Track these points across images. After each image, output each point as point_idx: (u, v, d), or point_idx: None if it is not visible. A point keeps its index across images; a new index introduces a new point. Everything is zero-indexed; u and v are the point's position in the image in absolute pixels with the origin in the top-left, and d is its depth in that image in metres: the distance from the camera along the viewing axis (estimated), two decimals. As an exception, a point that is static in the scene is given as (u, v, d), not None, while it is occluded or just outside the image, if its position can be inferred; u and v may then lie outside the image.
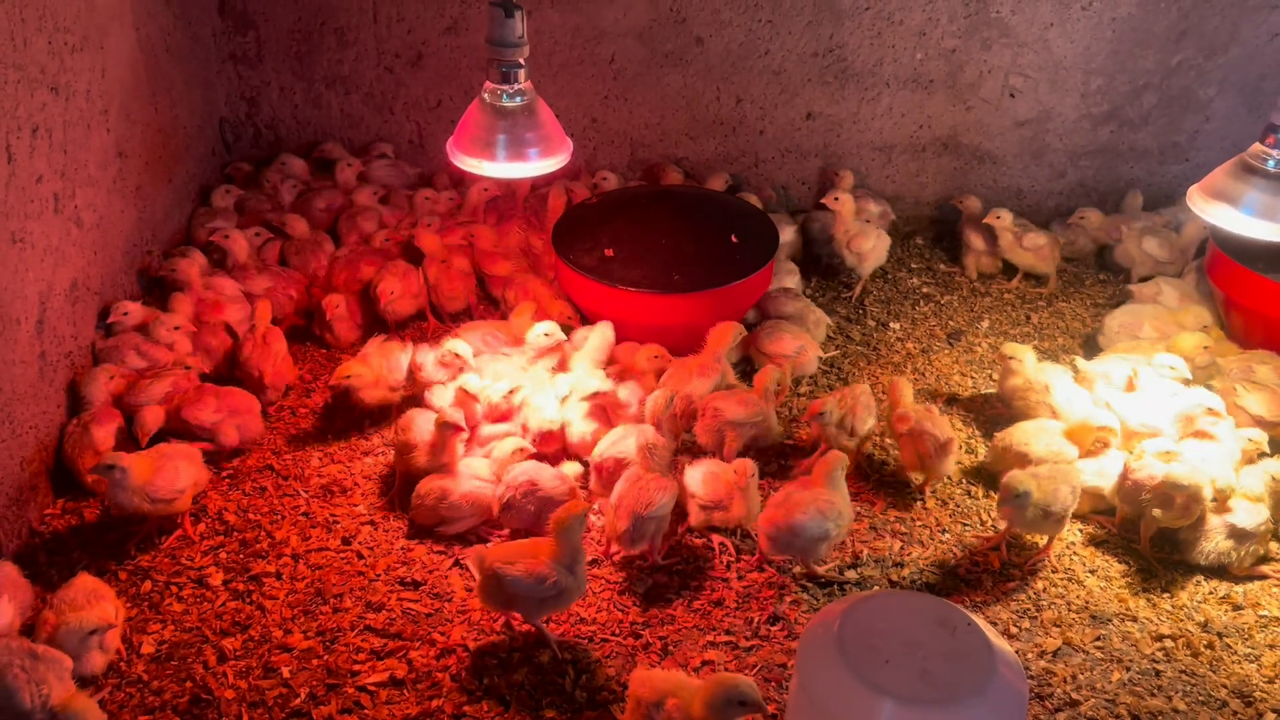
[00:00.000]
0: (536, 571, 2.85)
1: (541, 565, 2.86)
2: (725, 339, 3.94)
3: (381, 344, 3.90)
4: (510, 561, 2.88)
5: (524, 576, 2.86)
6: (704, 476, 3.37)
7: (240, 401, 3.69)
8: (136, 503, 3.17)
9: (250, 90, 5.12)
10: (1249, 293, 4.21)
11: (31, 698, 2.48)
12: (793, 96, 5.09)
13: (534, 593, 2.87)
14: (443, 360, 3.84)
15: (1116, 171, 5.26)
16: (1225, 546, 3.32)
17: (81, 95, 3.67)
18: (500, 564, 2.88)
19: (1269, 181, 3.14)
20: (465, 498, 3.35)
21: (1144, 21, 4.81)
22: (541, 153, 3.32)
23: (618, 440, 3.49)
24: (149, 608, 3.11)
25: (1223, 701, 2.94)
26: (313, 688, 2.88)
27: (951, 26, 4.87)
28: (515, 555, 2.89)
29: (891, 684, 2.11)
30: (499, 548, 2.98)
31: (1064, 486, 3.29)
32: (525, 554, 2.89)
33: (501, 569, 2.87)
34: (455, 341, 3.87)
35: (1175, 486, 3.27)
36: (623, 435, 3.50)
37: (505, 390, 3.68)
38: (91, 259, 3.78)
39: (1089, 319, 4.74)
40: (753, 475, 3.29)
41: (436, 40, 4.95)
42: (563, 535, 2.88)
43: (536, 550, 2.90)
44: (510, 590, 2.88)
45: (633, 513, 3.18)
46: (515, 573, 2.86)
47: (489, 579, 2.91)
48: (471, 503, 3.36)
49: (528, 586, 2.86)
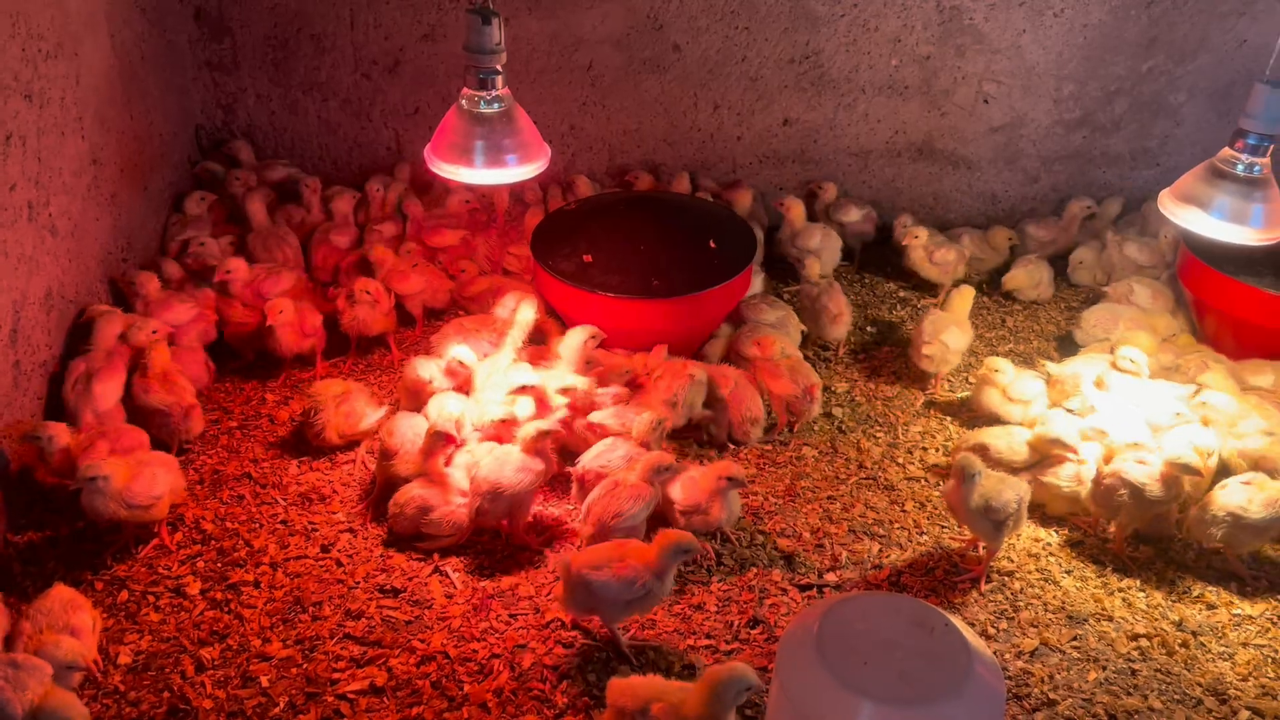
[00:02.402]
0: (625, 575, 2.86)
1: (629, 569, 2.87)
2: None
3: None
4: (597, 566, 2.87)
5: (613, 580, 2.86)
6: (682, 482, 3.38)
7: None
8: (113, 509, 3.15)
9: (226, 97, 5.10)
10: (1220, 296, 4.26)
11: (20, 706, 2.51)
12: (770, 103, 5.11)
13: (622, 595, 2.87)
14: (449, 369, 3.82)
15: (1089, 176, 5.32)
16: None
17: (56, 103, 3.65)
18: (587, 569, 2.88)
19: (1238, 186, 3.19)
20: (446, 517, 3.34)
21: (1115, 28, 4.87)
22: (520, 159, 3.33)
23: (603, 452, 3.48)
24: (126, 617, 3.08)
25: (1197, 700, 2.97)
26: (292, 696, 2.86)
27: (926, 33, 4.91)
28: (602, 559, 2.89)
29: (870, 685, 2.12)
30: (584, 553, 2.96)
31: (1010, 492, 3.26)
32: (612, 558, 2.90)
33: (589, 574, 2.87)
34: (460, 348, 3.86)
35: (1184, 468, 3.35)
36: (609, 448, 3.49)
37: (499, 417, 3.61)
38: (66, 267, 3.75)
39: (1063, 321, 4.79)
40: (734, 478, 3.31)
41: (414, 47, 4.95)
42: (666, 554, 2.88)
43: (623, 553, 2.91)
44: (599, 595, 2.87)
45: (599, 521, 3.19)
46: (604, 577, 2.86)
47: (576, 585, 2.90)
48: (452, 524, 3.35)
49: (616, 590, 2.86)
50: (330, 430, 3.68)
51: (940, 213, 5.36)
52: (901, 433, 4.05)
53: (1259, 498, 3.28)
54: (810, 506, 3.65)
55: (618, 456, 3.43)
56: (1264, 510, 3.27)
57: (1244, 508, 3.28)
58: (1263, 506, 3.27)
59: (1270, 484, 3.32)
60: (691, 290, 4.08)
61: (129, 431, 3.48)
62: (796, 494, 3.70)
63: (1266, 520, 3.27)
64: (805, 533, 3.52)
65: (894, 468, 3.86)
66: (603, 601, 2.90)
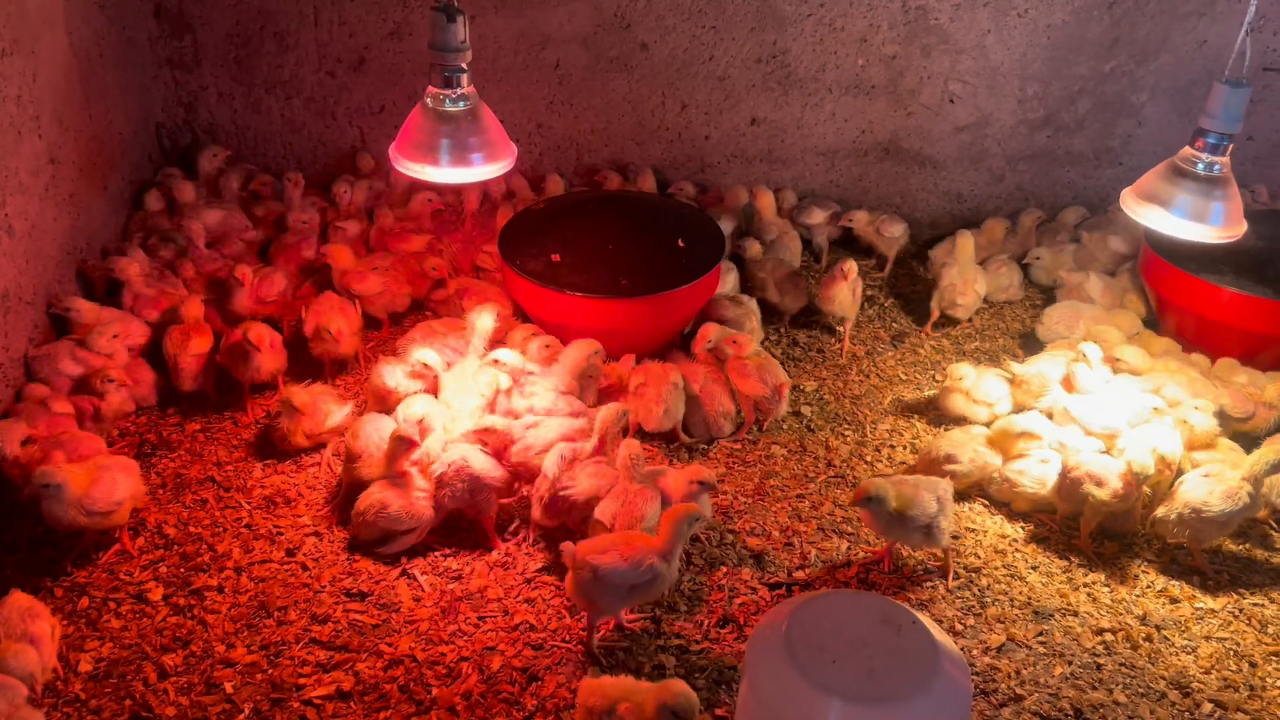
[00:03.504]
0: (632, 556, 2.86)
1: (635, 550, 2.88)
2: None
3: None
4: (603, 551, 2.88)
5: (620, 563, 2.85)
6: None
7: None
8: (72, 515, 3.09)
9: (187, 95, 5.03)
10: (1181, 292, 4.32)
11: None
12: (737, 102, 5.12)
13: (628, 579, 2.86)
14: (413, 371, 3.79)
15: (1053, 175, 5.37)
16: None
17: (12, 101, 3.58)
18: (594, 554, 2.88)
19: (1198, 184, 3.24)
20: (405, 509, 3.30)
21: (1078, 29, 4.92)
22: (485, 158, 3.31)
23: (531, 441, 3.51)
24: (86, 625, 3.03)
25: (1161, 693, 3.00)
26: (257, 703, 2.83)
27: (892, 33, 4.93)
28: (607, 544, 2.91)
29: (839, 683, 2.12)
30: (590, 541, 2.97)
31: (927, 494, 3.23)
32: (617, 542, 2.91)
33: (596, 560, 2.86)
34: (424, 351, 3.83)
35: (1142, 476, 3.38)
36: (534, 427, 3.55)
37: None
38: (23, 268, 3.69)
39: (1028, 320, 4.83)
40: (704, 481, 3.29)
41: (379, 45, 4.91)
42: (675, 531, 2.91)
43: (628, 538, 2.94)
44: (605, 580, 2.86)
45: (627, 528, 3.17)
46: (610, 561, 2.85)
47: (583, 572, 2.88)
48: (411, 514, 3.31)
49: (623, 574, 2.85)
50: (298, 433, 3.64)
51: (906, 211, 5.39)
52: (870, 431, 4.07)
53: (1219, 489, 3.33)
54: (779, 505, 3.65)
55: (548, 434, 3.46)
56: (1224, 503, 3.31)
57: (1206, 502, 3.32)
58: (1223, 499, 3.32)
59: (1229, 475, 3.37)
60: (660, 289, 4.08)
61: (85, 439, 3.43)
62: (765, 493, 3.71)
63: (1228, 513, 3.31)
64: (774, 531, 3.53)
65: (862, 466, 3.88)
66: (609, 588, 2.88)
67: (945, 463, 3.64)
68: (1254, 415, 3.91)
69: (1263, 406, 3.93)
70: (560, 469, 3.32)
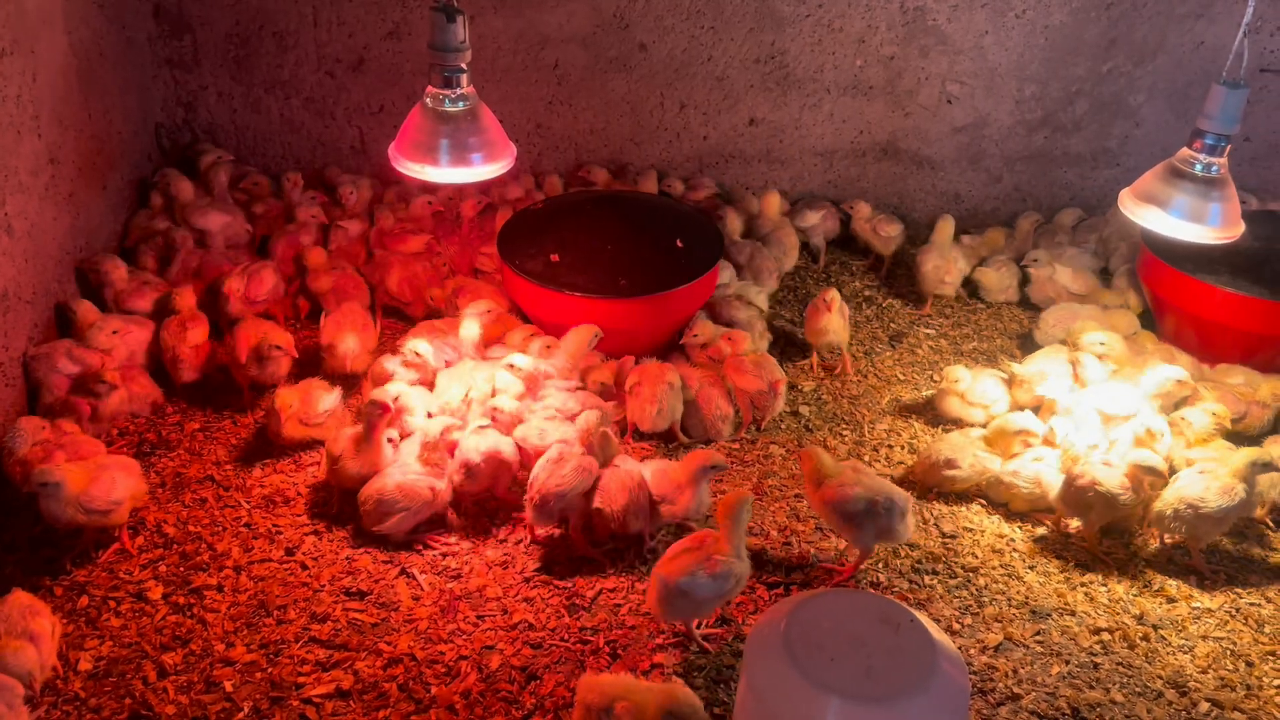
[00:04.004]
0: (717, 571, 2.87)
1: (716, 565, 2.87)
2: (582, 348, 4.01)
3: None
4: (690, 571, 2.86)
5: (709, 579, 2.86)
6: (653, 471, 3.39)
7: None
8: (70, 514, 3.10)
9: (187, 95, 5.04)
10: (1179, 293, 4.33)
11: None
12: (735, 102, 5.13)
13: (717, 591, 2.89)
14: (406, 361, 3.85)
15: (1050, 176, 5.38)
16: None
17: (12, 100, 3.59)
18: (680, 577, 2.86)
19: (1196, 185, 3.25)
20: (399, 488, 3.31)
21: (1075, 30, 4.93)
22: (485, 158, 3.31)
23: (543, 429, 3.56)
24: (86, 623, 3.03)
25: (1158, 692, 3.01)
26: (256, 701, 2.83)
27: (890, 34, 4.94)
28: (692, 564, 2.87)
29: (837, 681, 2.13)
30: (673, 563, 2.91)
31: (859, 489, 3.22)
32: (698, 560, 2.88)
33: (683, 581, 2.85)
34: (416, 341, 3.90)
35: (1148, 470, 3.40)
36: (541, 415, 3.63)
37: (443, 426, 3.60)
38: (23, 268, 3.69)
39: (1026, 320, 4.84)
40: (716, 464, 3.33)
41: (378, 45, 4.92)
42: (733, 521, 2.92)
43: (705, 550, 2.91)
44: (696, 598, 2.87)
45: (543, 492, 3.26)
46: (701, 580, 2.86)
47: (672, 594, 2.87)
48: (406, 493, 3.32)
49: (714, 587, 2.88)
50: (292, 421, 3.64)
51: (904, 212, 5.40)
52: (868, 431, 4.08)
53: (1215, 485, 3.35)
54: (777, 505, 3.66)
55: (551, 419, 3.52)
56: (1220, 498, 3.33)
57: (1202, 498, 3.34)
58: (1219, 495, 3.33)
59: (1223, 472, 3.39)
60: (658, 289, 4.09)
61: (86, 441, 3.44)
62: (764, 492, 3.72)
63: (1224, 508, 3.33)
64: (773, 531, 3.54)
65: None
66: (703, 603, 2.92)
67: (945, 468, 3.65)
68: (1246, 415, 3.93)
69: (1256, 405, 3.94)
70: (549, 471, 3.32)
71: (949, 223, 4.93)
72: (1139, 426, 3.64)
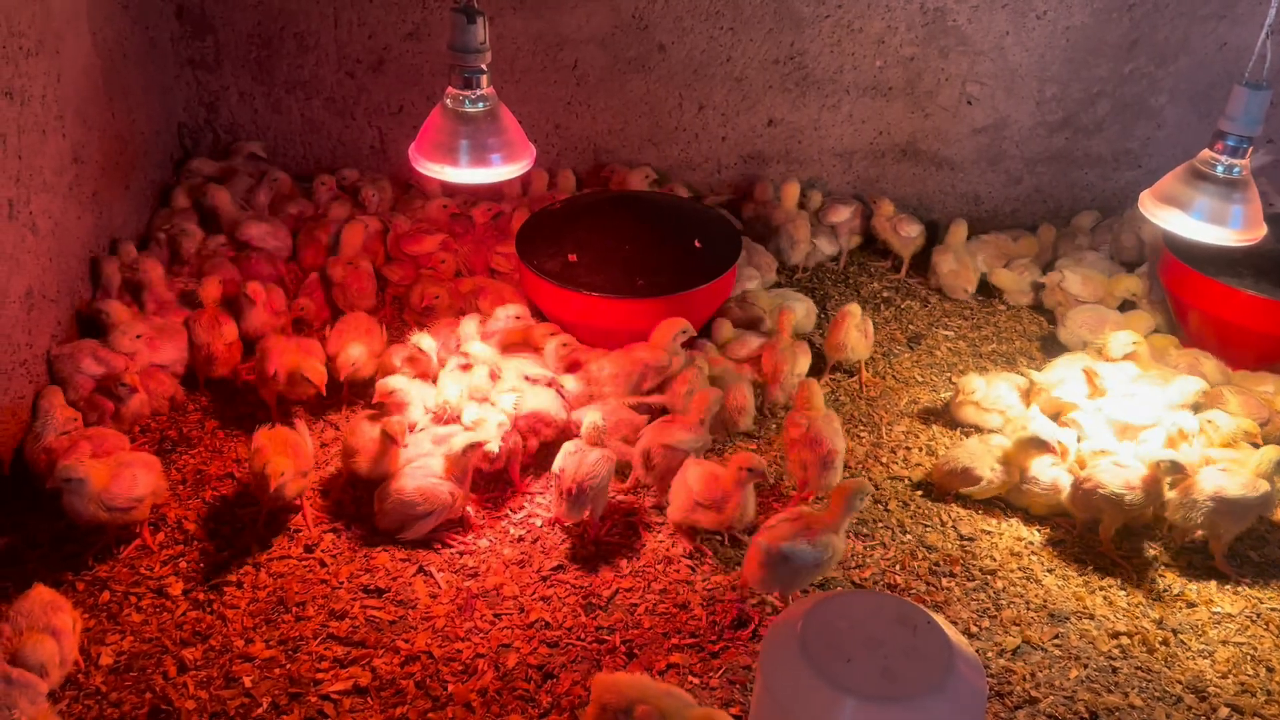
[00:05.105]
0: (817, 539, 3.00)
1: (817, 533, 3.01)
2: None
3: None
4: (791, 538, 2.99)
5: (809, 547, 2.99)
6: (698, 475, 3.39)
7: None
8: (93, 511, 3.13)
9: (209, 95, 5.08)
10: (1201, 296, 4.30)
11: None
12: (754, 103, 5.13)
13: (816, 560, 3.01)
14: (409, 355, 3.88)
15: (1071, 178, 5.35)
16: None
17: (37, 100, 3.63)
18: (783, 542, 2.98)
19: (1217, 187, 3.22)
20: (418, 491, 3.33)
21: (1097, 31, 4.91)
22: (504, 158, 3.33)
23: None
24: (107, 618, 3.06)
25: (1177, 697, 2.99)
26: (275, 697, 2.85)
27: (910, 35, 4.93)
28: (793, 531, 3.01)
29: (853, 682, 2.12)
30: (774, 530, 3.04)
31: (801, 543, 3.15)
32: (798, 529, 3.02)
33: (785, 546, 2.97)
34: (421, 336, 3.92)
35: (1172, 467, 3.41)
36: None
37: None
38: (47, 266, 3.73)
39: (1045, 322, 4.82)
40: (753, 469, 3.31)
41: (398, 45, 4.94)
42: (846, 505, 3.04)
43: (806, 521, 3.04)
44: (795, 564, 2.99)
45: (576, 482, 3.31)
46: (803, 545, 2.98)
47: (774, 560, 2.99)
48: (425, 495, 3.33)
49: (813, 555, 3.00)
50: (291, 486, 3.39)
51: (923, 214, 5.38)
52: (885, 433, 4.06)
53: (1237, 481, 3.35)
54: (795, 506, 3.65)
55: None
56: (1243, 491, 3.33)
57: (1225, 488, 3.33)
58: (1242, 488, 3.32)
59: (1246, 469, 3.37)
60: (676, 290, 4.09)
61: (111, 435, 3.47)
62: (781, 492, 3.71)
63: (1248, 500, 3.32)
64: (789, 532, 3.53)
65: (878, 467, 3.87)
66: (801, 571, 3.02)
67: (963, 476, 3.63)
68: (1270, 421, 3.89)
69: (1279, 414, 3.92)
70: (575, 462, 3.34)
71: (962, 226, 4.96)
72: (1172, 427, 3.62)
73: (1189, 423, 3.65)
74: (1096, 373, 3.95)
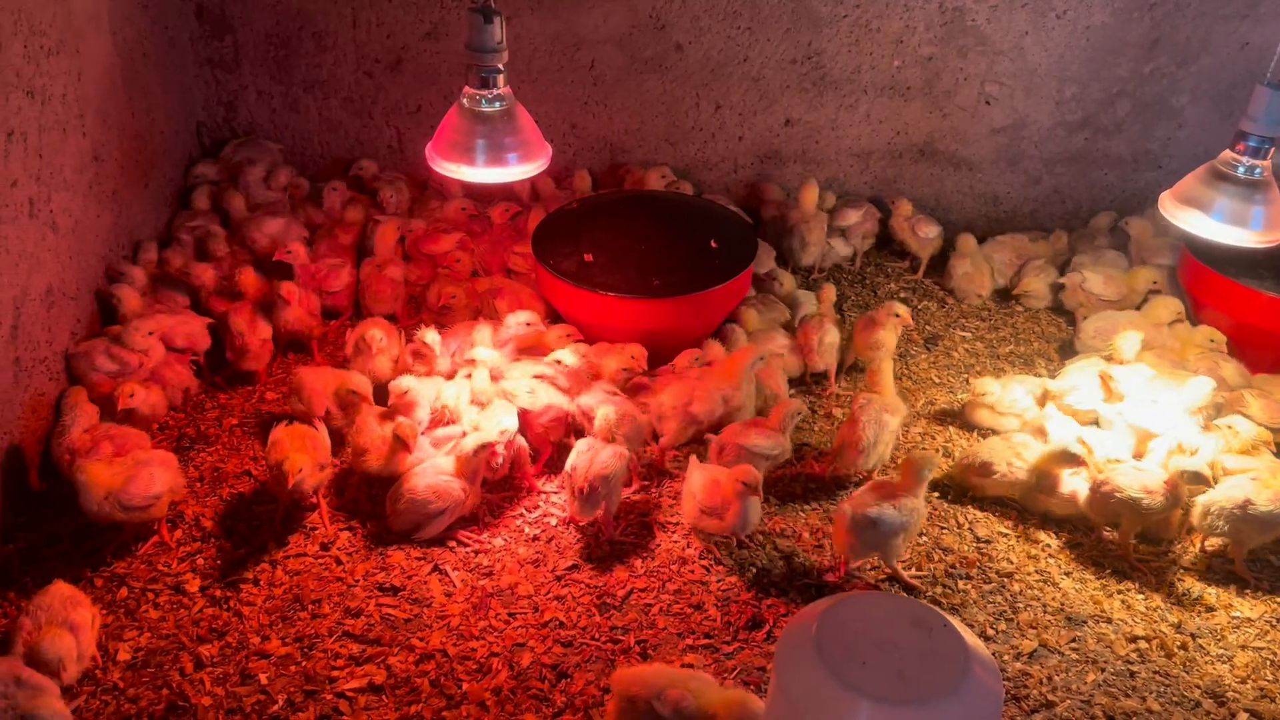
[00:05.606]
0: (900, 502, 3.19)
1: (900, 498, 3.20)
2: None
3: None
4: (877, 503, 3.18)
5: (895, 511, 3.17)
6: (701, 482, 3.38)
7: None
8: (107, 510, 3.15)
9: (228, 95, 5.10)
10: (1220, 297, 4.26)
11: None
12: (771, 103, 5.11)
13: (902, 524, 3.18)
14: (415, 350, 3.90)
15: (1090, 178, 5.32)
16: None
17: (58, 99, 3.65)
18: (869, 508, 3.16)
19: (1238, 188, 3.19)
20: (430, 489, 3.33)
21: (1117, 30, 4.87)
22: (521, 158, 3.33)
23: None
24: (125, 614, 3.08)
25: (1196, 702, 2.97)
26: (290, 694, 2.87)
27: (928, 34, 4.91)
28: (879, 495, 3.21)
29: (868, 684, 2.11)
30: (858, 496, 3.25)
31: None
32: (882, 494, 3.22)
33: (872, 511, 3.15)
34: (427, 331, 3.94)
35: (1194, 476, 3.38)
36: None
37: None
38: (67, 264, 3.75)
39: (1063, 324, 4.79)
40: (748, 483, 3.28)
41: (416, 45, 4.95)
42: (916, 476, 3.23)
43: (889, 488, 3.24)
44: (882, 528, 3.15)
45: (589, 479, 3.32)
46: (889, 509, 3.17)
47: (862, 525, 3.16)
48: (437, 493, 3.34)
49: (899, 519, 3.17)
50: (310, 480, 3.41)
51: (941, 214, 5.36)
52: (901, 434, 4.05)
53: (1266, 493, 3.30)
54: (810, 507, 3.65)
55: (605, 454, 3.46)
56: (1272, 504, 3.29)
57: (1251, 499, 3.29)
58: (1270, 501, 3.29)
59: (1273, 481, 3.33)
60: (693, 290, 4.08)
61: (133, 434, 3.49)
62: (797, 495, 3.70)
63: (1273, 514, 3.27)
64: (805, 533, 3.52)
65: (893, 470, 3.86)
66: (885, 534, 3.17)
67: (981, 469, 3.61)
68: None
69: None
70: (588, 460, 3.35)
71: (969, 239, 5.03)
72: (1173, 442, 3.58)
73: (1190, 438, 3.61)
74: (1112, 376, 3.92)
